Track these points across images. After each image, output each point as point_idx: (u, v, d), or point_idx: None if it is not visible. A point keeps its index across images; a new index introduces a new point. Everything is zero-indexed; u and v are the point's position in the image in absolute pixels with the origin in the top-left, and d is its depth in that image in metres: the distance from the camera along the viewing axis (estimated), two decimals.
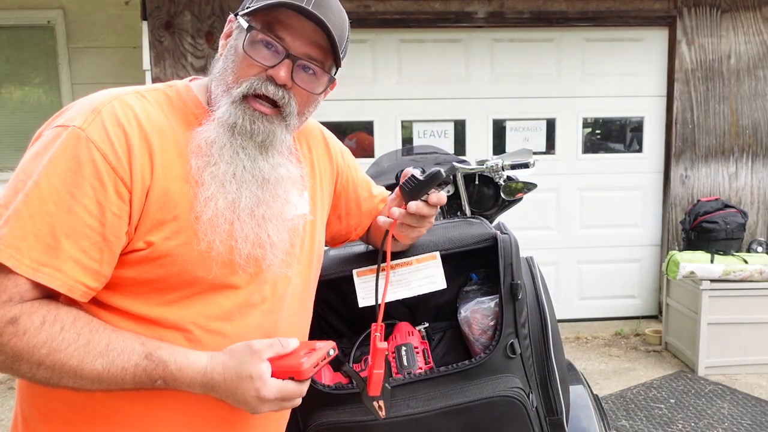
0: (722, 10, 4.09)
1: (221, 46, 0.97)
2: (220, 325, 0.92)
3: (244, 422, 0.98)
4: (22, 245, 0.77)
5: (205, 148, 0.89)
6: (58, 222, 0.78)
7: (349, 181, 1.22)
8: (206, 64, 3.86)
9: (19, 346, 0.76)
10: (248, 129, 0.90)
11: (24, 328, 0.77)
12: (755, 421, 2.94)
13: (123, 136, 0.83)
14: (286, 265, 0.97)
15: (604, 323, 4.39)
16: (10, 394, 3.42)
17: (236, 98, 0.90)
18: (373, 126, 4.18)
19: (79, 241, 0.80)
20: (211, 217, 0.87)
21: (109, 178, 0.81)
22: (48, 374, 0.78)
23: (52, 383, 0.80)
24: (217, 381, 0.85)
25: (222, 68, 0.93)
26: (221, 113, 0.90)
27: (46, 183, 0.79)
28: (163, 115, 0.90)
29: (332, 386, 1.14)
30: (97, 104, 0.85)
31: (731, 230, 3.62)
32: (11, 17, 4.22)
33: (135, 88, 0.92)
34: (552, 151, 4.28)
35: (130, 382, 0.83)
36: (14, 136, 4.42)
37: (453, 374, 1.13)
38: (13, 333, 0.76)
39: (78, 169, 0.80)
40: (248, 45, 0.90)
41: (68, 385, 0.80)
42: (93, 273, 0.81)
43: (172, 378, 0.84)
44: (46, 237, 0.78)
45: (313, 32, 0.91)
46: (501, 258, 1.17)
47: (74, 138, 0.81)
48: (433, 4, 3.99)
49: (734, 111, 4.17)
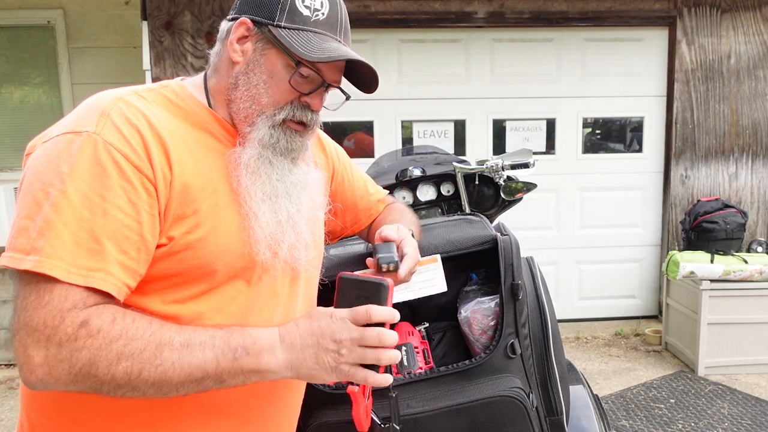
0: (722, 10, 4.10)
1: (234, 51, 0.95)
2: (234, 319, 0.92)
3: (262, 417, 0.98)
4: (65, 254, 0.76)
5: (252, 166, 0.92)
6: (97, 226, 0.78)
7: (345, 179, 1.25)
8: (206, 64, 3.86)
9: (96, 345, 0.75)
10: (288, 148, 0.96)
11: (97, 327, 0.76)
12: (755, 421, 2.94)
13: (138, 135, 0.83)
14: (299, 261, 0.99)
15: (604, 323, 4.39)
16: (11, 394, 3.42)
17: (277, 123, 0.94)
18: (373, 126, 4.18)
19: (120, 242, 0.79)
20: (269, 233, 0.92)
21: (136, 177, 0.81)
22: (128, 366, 0.76)
23: (133, 380, 0.77)
24: (291, 328, 0.84)
25: (249, 84, 0.94)
26: (262, 135, 0.93)
27: (74, 191, 0.77)
28: (165, 115, 0.91)
29: (332, 386, 1.14)
30: (103, 107, 0.85)
31: (731, 230, 3.62)
32: (11, 17, 4.22)
33: (132, 88, 0.92)
34: (552, 151, 4.28)
35: (211, 358, 0.80)
36: (14, 136, 4.42)
37: (453, 374, 1.13)
38: (87, 333, 0.75)
39: (103, 172, 0.79)
40: (295, 78, 0.93)
41: (149, 380, 0.78)
42: (133, 273, 0.81)
43: (251, 340, 0.82)
44: (89, 242, 0.77)
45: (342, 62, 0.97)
46: (501, 258, 1.17)
47: (91, 143, 0.80)
48: (433, 4, 3.99)
49: (734, 111, 4.17)
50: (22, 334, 0.75)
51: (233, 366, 0.81)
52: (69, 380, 0.76)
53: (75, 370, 0.75)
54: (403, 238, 1.13)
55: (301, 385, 1.07)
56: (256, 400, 0.96)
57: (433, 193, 1.98)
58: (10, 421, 3.10)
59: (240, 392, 0.93)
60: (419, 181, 1.95)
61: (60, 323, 0.75)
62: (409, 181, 1.93)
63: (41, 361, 0.75)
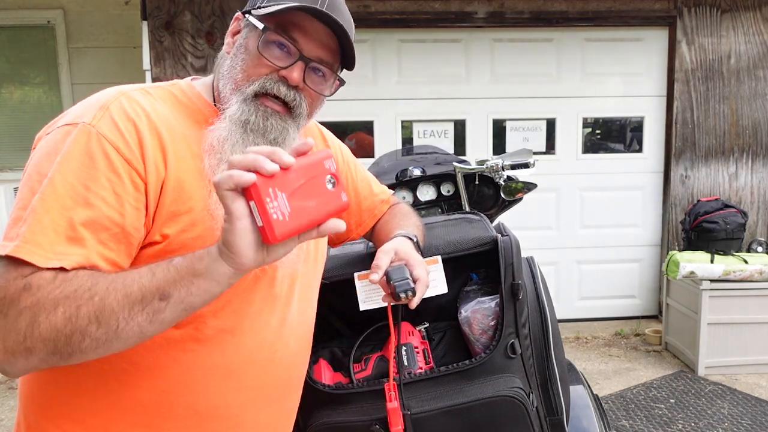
0: (722, 10, 4.09)
1: (227, 44, 0.97)
2: (230, 321, 0.92)
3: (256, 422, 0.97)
4: (43, 240, 0.75)
5: (217, 146, 0.89)
6: (77, 214, 0.77)
7: (349, 179, 1.23)
8: (206, 64, 3.86)
9: (35, 300, 0.72)
10: (261, 125, 0.90)
11: (37, 285, 0.73)
12: (755, 421, 2.94)
13: (133, 128, 0.83)
14: (295, 261, 0.98)
15: (604, 323, 4.39)
16: (10, 394, 3.42)
17: (248, 96, 0.90)
18: (373, 126, 4.18)
19: (98, 232, 0.79)
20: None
21: (124, 169, 0.81)
22: (66, 309, 0.72)
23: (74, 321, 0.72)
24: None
25: (230, 66, 0.93)
26: (233, 111, 0.90)
27: (60, 179, 0.78)
28: (170, 111, 0.90)
29: (332, 386, 1.14)
30: (104, 101, 0.85)
31: (731, 230, 3.62)
32: (11, 17, 4.22)
33: (140, 85, 0.92)
34: (552, 151, 4.28)
35: (146, 271, 0.75)
36: (14, 136, 4.42)
37: (453, 374, 1.13)
38: (29, 294, 0.72)
39: (91, 162, 0.79)
40: (262, 45, 0.90)
41: (90, 315, 0.72)
42: (113, 264, 0.80)
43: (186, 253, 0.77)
44: (67, 230, 0.77)
45: (325, 35, 0.93)
46: (501, 258, 1.17)
47: (85, 134, 0.81)
48: (433, 4, 3.99)
49: (734, 111, 4.17)
50: None
51: (169, 272, 0.74)
52: (23, 351, 0.72)
53: (21, 335, 0.72)
54: (409, 257, 1.05)
55: (297, 389, 1.07)
56: (251, 405, 0.96)
57: (433, 193, 1.98)
58: (9, 421, 3.09)
59: (234, 396, 0.93)
60: (419, 181, 1.95)
61: (5, 294, 0.73)
62: (409, 181, 1.93)
63: None
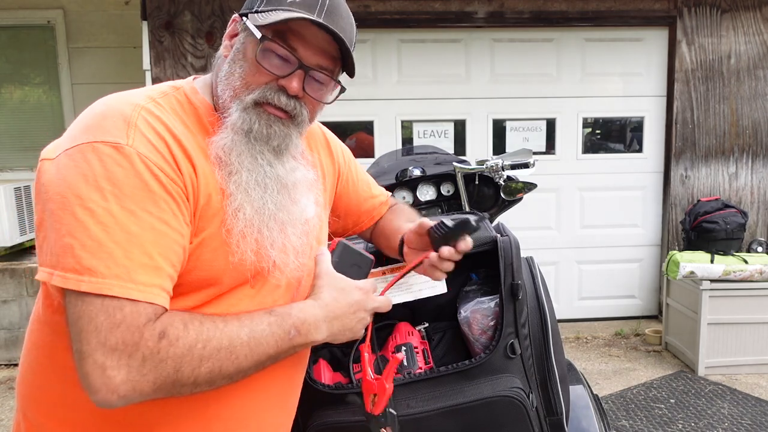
0: (722, 10, 4.09)
1: (225, 46, 0.95)
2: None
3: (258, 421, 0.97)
4: (120, 272, 0.76)
5: (224, 158, 0.88)
6: (147, 241, 0.77)
7: (350, 181, 1.23)
8: (206, 64, 3.86)
9: (179, 353, 0.77)
10: (265, 133, 0.90)
11: (175, 336, 0.78)
12: (755, 421, 2.94)
13: (166, 147, 0.82)
14: (300, 269, 0.97)
15: (604, 323, 4.39)
16: (10, 394, 3.42)
17: (248, 105, 0.90)
18: (373, 126, 4.18)
19: (169, 256, 0.79)
20: (242, 228, 0.87)
21: (174, 189, 0.81)
22: (210, 366, 0.80)
23: (213, 377, 0.81)
24: (330, 302, 0.95)
25: (229, 72, 0.92)
26: (233, 120, 0.89)
27: (119, 207, 0.77)
28: (181, 123, 0.89)
29: (332, 386, 1.14)
30: (127, 116, 0.82)
31: (731, 230, 3.62)
32: (11, 17, 4.23)
33: (145, 93, 0.89)
34: (552, 151, 4.28)
35: (272, 343, 0.87)
36: (14, 136, 4.42)
37: (453, 374, 1.13)
38: (168, 344, 0.77)
39: (144, 186, 0.79)
40: (260, 54, 0.89)
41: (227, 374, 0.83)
42: (173, 283, 0.82)
43: (300, 321, 0.90)
44: (141, 257, 0.77)
45: (325, 42, 0.91)
46: (501, 258, 1.17)
47: (126, 156, 0.79)
48: (433, 4, 3.99)
49: (734, 111, 4.17)
50: (97, 356, 0.74)
51: (288, 345, 0.89)
52: (152, 391, 0.77)
53: (160, 380, 0.77)
54: None
55: (297, 388, 1.07)
56: (253, 405, 0.96)
57: (433, 193, 1.97)
58: (10, 421, 3.09)
59: (237, 397, 0.93)
60: (419, 181, 1.95)
61: (140, 339, 0.76)
62: (409, 181, 1.93)
63: (124, 378, 0.75)
